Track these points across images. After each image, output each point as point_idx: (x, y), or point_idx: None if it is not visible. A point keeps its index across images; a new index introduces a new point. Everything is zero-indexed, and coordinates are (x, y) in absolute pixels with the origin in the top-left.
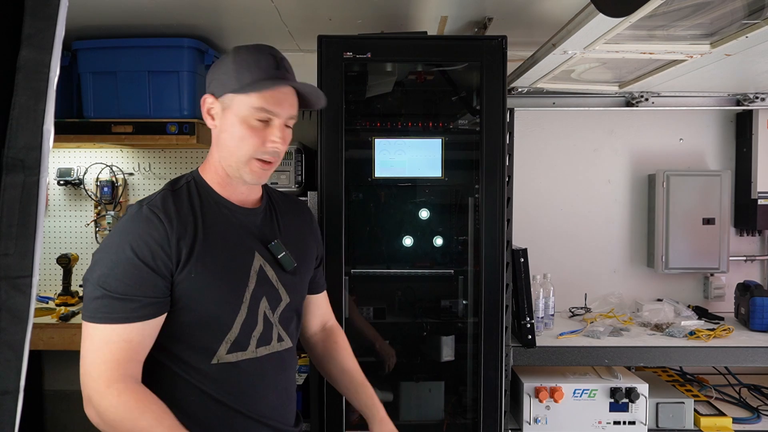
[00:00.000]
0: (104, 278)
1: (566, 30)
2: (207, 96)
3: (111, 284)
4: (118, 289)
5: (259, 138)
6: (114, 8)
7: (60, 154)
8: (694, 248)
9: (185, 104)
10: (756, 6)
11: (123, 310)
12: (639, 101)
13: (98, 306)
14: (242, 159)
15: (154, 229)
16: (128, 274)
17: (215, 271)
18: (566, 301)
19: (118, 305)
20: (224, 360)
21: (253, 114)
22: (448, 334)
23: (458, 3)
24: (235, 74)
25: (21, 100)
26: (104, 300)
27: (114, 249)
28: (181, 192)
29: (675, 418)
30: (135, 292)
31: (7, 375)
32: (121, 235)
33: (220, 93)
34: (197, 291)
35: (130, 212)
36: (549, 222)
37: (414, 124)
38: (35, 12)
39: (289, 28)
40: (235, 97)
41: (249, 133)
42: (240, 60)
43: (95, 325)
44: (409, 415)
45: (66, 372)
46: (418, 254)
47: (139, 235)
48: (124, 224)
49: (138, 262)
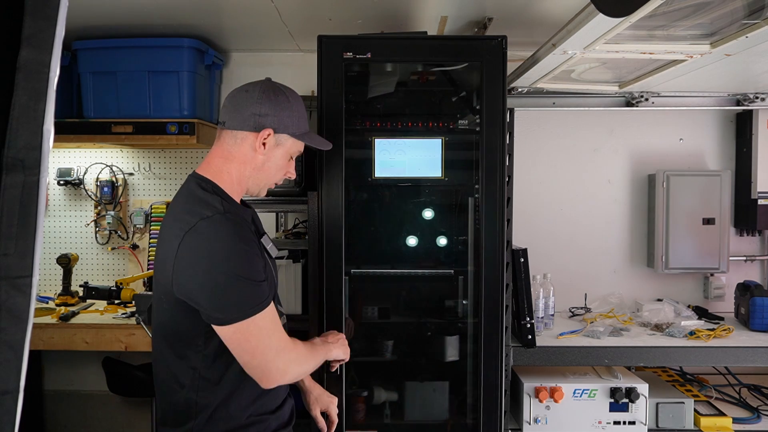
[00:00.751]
0: (247, 273)
1: (566, 30)
2: (268, 129)
3: (254, 275)
4: (260, 277)
5: (285, 171)
6: (114, 8)
7: (60, 154)
8: (694, 248)
9: (185, 104)
10: (756, 6)
11: (267, 292)
12: (639, 101)
13: (256, 297)
14: (270, 183)
15: (245, 227)
16: (256, 264)
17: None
18: (566, 301)
19: (264, 289)
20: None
21: (294, 155)
22: (448, 335)
23: (458, 3)
24: (297, 121)
25: (21, 100)
26: (256, 290)
27: (231, 251)
28: (227, 202)
29: (675, 418)
30: (261, 277)
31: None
32: (226, 240)
33: (280, 131)
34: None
35: (214, 222)
36: (549, 222)
37: (414, 124)
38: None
39: (289, 28)
40: (289, 138)
41: (285, 166)
42: (299, 109)
43: (261, 314)
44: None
45: (66, 372)
46: (418, 254)
47: (242, 234)
48: (219, 233)
49: (255, 252)
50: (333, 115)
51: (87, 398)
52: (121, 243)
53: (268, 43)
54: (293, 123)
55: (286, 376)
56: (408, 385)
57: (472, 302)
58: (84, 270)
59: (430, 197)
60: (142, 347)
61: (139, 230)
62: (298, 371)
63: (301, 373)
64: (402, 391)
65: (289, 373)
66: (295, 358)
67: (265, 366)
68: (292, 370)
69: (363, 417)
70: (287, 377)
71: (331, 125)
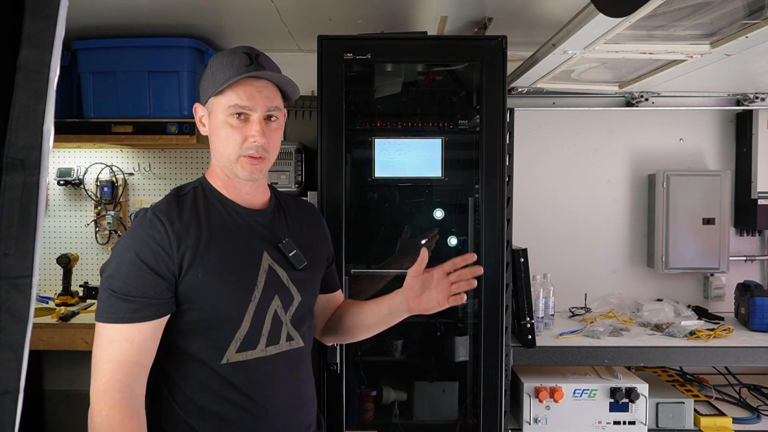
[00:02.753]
0: (111, 279)
1: (566, 30)
2: (197, 105)
3: (116, 285)
4: (122, 290)
5: (241, 135)
6: (114, 8)
7: (60, 154)
8: (694, 248)
9: (185, 104)
10: (756, 6)
11: (126, 310)
12: (639, 101)
13: (105, 306)
14: (231, 158)
15: (156, 232)
16: (131, 275)
17: (223, 271)
18: (566, 301)
19: (122, 305)
20: (234, 359)
21: (230, 112)
22: (448, 335)
23: (458, 3)
24: (212, 78)
25: (21, 100)
26: (110, 300)
27: (120, 251)
28: (186, 197)
29: (675, 418)
30: (137, 293)
31: (7, 375)
32: (127, 238)
33: (205, 99)
34: (206, 290)
35: (138, 217)
36: (549, 222)
37: (414, 124)
38: (35, 12)
39: (289, 28)
40: (214, 100)
41: (230, 132)
42: (216, 64)
43: (103, 325)
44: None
45: (66, 372)
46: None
47: (142, 239)
48: (131, 229)
49: (140, 264)
50: (333, 115)
51: (87, 398)
52: None
53: (268, 43)
54: (210, 84)
55: (92, 406)
56: (417, 384)
57: (473, 302)
58: (84, 270)
59: (430, 197)
60: None
61: None
62: (93, 427)
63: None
64: (411, 391)
65: (88, 418)
66: (93, 425)
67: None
68: (91, 418)
69: (372, 417)
70: (92, 408)
71: (331, 125)
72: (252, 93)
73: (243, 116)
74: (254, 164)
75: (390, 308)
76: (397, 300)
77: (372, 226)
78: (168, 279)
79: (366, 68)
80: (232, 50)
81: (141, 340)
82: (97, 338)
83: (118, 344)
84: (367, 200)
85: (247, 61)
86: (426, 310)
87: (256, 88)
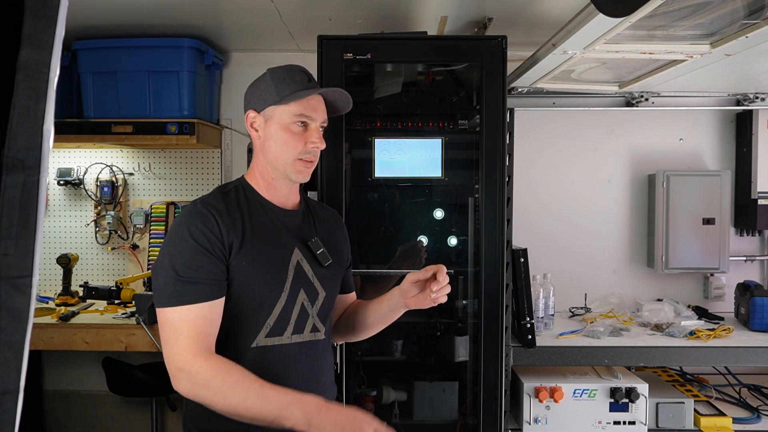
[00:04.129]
0: (174, 266)
1: (566, 30)
2: (249, 111)
3: (180, 270)
4: (187, 274)
5: (301, 141)
6: (114, 8)
7: (60, 154)
8: (694, 248)
9: (185, 104)
10: (756, 6)
11: (195, 292)
12: (639, 101)
13: (172, 291)
14: (288, 161)
15: (208, 221)
16: (194, 260)
17: (261, 261)
18: (566, 301)
19: (190, 288)
20: (262, 343)
21: (294, 120)
22: (448, 335)
23: (458, 3)
24: (275, 89)
25: (21, 100)
26: (177, 285)
27: (176, 240)
28: (230, 194)
29: (675, 418)
30: (201, 275)
31: (7, 375)
32: (180, 227)
33: (261, 107)
34: (247, 277)
35: (186, 210)
36: (549, 222)
37: (414, 124)
38: (35, 12)
39: (289, 29)
40: (276, 108)
41: (291, 137)
42: (277, 77)
43: (172, 309)
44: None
45: (66, 372)
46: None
47: (196, 227)
48: (182, 219)
49: (199, 248)
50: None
51: (87, 398)
52: (121, 243)
53: (268, 43)
54: (271, 93)
55: (183, 390)
56: (417, 384)
57: (473, 302)
58: (84, 270)
59: (430, 197)
60: (142, 347)
61: (139, 230)
62: (201, 396)
63: (209, 403)
64: (411, 391)
65: (183, 390)
66: (200, 381)
67: (167, 363)
68: (187, 389)
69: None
70: (185, 392)
71: (331, 125)
72: (314, 105)
73: (304, 124)
74: (307, 167)
75: (389, 306)
76: (395, 298)
77: (372, 225)
78: (223, 262)
79: (366, 68)
80: (289, 67)
81: (212, 316)
82: (169, 322)
83: (192, 322)
84: (367, 200)
85: (306, 78)
86: (421, 306)
87: (316, 102)
